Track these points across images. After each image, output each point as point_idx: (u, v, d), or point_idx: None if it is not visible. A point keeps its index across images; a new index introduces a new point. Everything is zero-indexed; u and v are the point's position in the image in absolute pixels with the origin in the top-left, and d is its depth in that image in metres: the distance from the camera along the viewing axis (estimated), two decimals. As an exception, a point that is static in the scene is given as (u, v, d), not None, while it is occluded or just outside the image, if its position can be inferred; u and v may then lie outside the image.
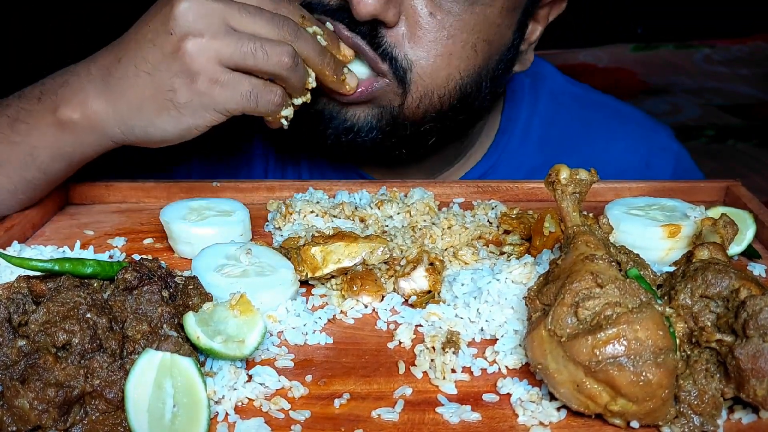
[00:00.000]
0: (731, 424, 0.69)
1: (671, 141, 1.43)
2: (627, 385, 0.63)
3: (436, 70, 1.06)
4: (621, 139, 1.38)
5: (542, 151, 1.35)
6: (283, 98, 0.97)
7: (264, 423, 0.68)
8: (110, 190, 1.16)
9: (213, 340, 0.70)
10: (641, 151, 1.38)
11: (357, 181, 1.19)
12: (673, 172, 1.38)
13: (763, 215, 1.04)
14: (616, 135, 1.38)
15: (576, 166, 1.21)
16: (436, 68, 1.06)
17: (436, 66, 1.06)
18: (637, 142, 1.39)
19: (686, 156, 1.43)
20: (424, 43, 1.04)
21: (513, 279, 0.85)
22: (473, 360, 0.77)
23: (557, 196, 0.84)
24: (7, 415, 0.63)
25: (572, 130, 1.37)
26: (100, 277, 0.75)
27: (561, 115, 1.38)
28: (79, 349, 0.65)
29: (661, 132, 1.44)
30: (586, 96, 1.45)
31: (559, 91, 1.41)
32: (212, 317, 0.73)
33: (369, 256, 0.89)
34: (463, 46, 1.06)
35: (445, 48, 1.05)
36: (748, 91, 3.78)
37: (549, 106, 1.38)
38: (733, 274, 0.71)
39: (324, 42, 1.00)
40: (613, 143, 1.37)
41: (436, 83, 1.07)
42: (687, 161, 1.43)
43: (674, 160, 1.39)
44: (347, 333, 0.83)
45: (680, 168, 1.39)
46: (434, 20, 1.03)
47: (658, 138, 1.42)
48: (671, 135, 1.44)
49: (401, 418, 0.69)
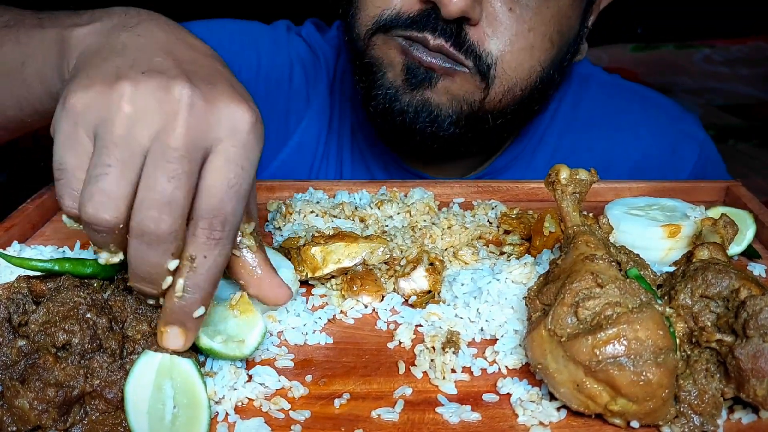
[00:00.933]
0: (731, 424, 0.69)
1: (698, 129, 1.43)
2: (627, 385, 0.63)
3: (520, 64, 1.10)
4: (648, 125, 1.39)
5: (567, 134, 1.36)
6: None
7: (264, 423, 0.68)
8: (110, 190, 1.16)
9: (213, 340, 0.70)
10: (668, 138, 1.38)
11: (357, 182, 1.19)
12: (697, 160, 1.38)
13: (763, 215, 1.04)
14: (643, 121, 1.39)
15: (601, 150, 1.25)
16: (519, 62, 1.10)
17: (520, 59, 1.09)
18: (664, 128, 1.39)
19: (711, 146, 1.43)
20: (506, 38, 1.07)
21: (513, 279, 0.85)
22: (473, 360, 0.77)
23: (557, 196, 0.84)
24: (7, 415, 0.63)
25: (598, 113, 1.39)
26: (100, 277, 0.75)
27: (587, 99, 1.39)
28: (79, 349, 0.65)
29: (689, 120, 1.44)
30: (613, 82, 1.46)
31: (587, 74, 1.42)
32: (212, 317, 0.73)
33: (369, 256, 0.89)
34: (542, 38, 1.10)
35: (527, 41, 1.08)
36: (748, 91, 3.78)
37: (576, 90, 1.39)
38: (733, 274, 0.71)
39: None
40: (640, 129, 1.38)
41: (519, 77, 1.11)
42: (712, 151, 1.42)
43: (699, 149, 1.39)
44: (347, 333, 0.83)
45: (704, 157, 1.39)
46: (513, 15, 1.06)
47: (685, 125, 1.42)
48: (698, 123, 1.44)
49: (401, 418, 0.69)
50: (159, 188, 0.60)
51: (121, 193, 0.61)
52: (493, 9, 1.06)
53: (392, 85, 1.12)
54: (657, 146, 1.37)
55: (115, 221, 0.61)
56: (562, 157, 1.33)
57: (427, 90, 1.10)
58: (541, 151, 1.35)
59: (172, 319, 0.66)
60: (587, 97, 1.39)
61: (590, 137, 1.35)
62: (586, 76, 1.41)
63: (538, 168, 1.33)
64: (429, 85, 1.10)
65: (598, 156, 1.34)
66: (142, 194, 0.61)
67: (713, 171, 1.40)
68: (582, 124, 1.37)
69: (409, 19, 1.08)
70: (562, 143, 1.35)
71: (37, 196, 1.10)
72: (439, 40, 1.06)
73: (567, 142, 1.35)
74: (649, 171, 1.34)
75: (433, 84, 1.10)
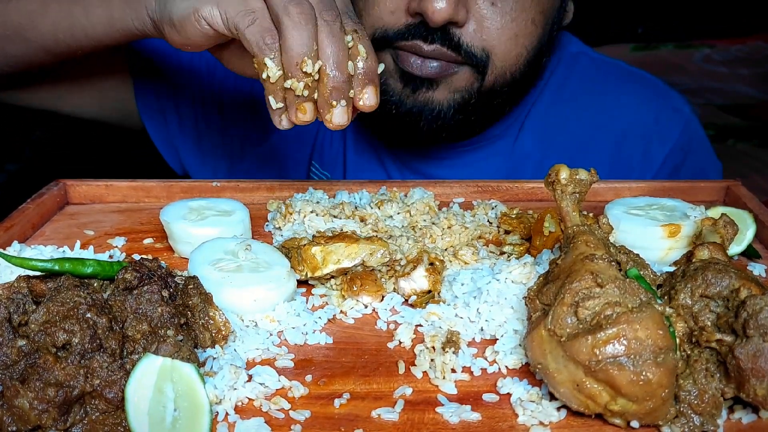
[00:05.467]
0: (731, 424, 0.69)
1: (684, 105, 1.44)
2: (627, 385, 0.63)
3: (507, 53, 1.17)
4: (632, 95, 1.42)
5: (556, 105, 1.39)
6: (271, 49, 0.83)
7: (264, 423, 0.68)
8: (110, 189, 1.16)
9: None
10: (652, 107, 1.40)
11: (357, 181, 1.19)
12: (680, 134, 1.39)
13: (763, 215, 1.04)
14: (628, 91, 1.42)
15: (588, 119, 1.30)
16: (507, 51, 1.17)
17: (508, 49, 1.16)
18: (649, 99, 1.42)
19: (697, 124, 1.44)
20: (493, 32, 1.14)
21: (513, 279, 0.85)
22: (473, 360, 0.77)
23: (557, 196, 0.84)
24: (7, 415, 0.63)
25: (586, 87, 1.42)
26: (100, 277, 0.75)
27: (576, 74, 1.42)
28: (79, 349, 0.65)
29: (675, 96, 1.46)
30: (602, 59, 1.49)
31: (577, 52, 1.45)
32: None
33: (368, 257, 0.89)
34: (525, 24, 1.16)
35: (512, 31, 1.15)
36: (748, 91, 3.77)
37: (566, 65, 1.42)
38: (733, 274, 0.71)
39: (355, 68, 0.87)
40: (624, 98, 1.41)
41: (508, 64, 1.18)
42: (697, 129, 1.44)
43: (684, 123, 1.41)
44: (347, 333, 0.83)
45: (689, 132, 1.41)
46: (497, 8, 1.13)
47: (671, 100, 1.44)
48: (685, 102, 1.46)
49: (401, 418, 0.69)
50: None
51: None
52: (478, 7, 1.12)
53: (395, 92, 1.19)
54: (640, 115, 1.39)
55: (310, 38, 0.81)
56: (550, 125, 1.37)
57: (429, 91, 1.17)
58: (530, 120, 1.38)
59: (366, 81, 0.85)
60: (576, 72, 1.42)
61: (577, 108, 1.39)
62: (576, 53, 1.45)
63: (525, 138, 1.37)
64: (430, 87, 1.17)
65: (586, 125, 1.38)
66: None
67: (699, 148, 1.42)
68: (570, 96, 1.40)
69: (398, 33, 1.13)
70: (550, 113, 1.38)
71: (37, 196, 1.10)
72: (433, 45, 1.12)
73: (555, 112, 1.38)
74: (633, 139, 1.37)
75: (434, 87, 1.17)
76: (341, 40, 0.84)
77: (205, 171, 1.49)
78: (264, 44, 0.82)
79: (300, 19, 0.82)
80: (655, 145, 1.37)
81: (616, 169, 1.35)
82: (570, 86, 1.40)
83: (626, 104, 1.40)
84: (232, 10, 0.84)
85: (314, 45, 0.82)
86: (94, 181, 1.16)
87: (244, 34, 0.83)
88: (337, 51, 0.83)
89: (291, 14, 0.81)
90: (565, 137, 1.36)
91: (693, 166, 1.39)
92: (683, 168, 1.38)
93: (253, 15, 0.83)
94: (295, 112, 0.86)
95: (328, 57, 0.83)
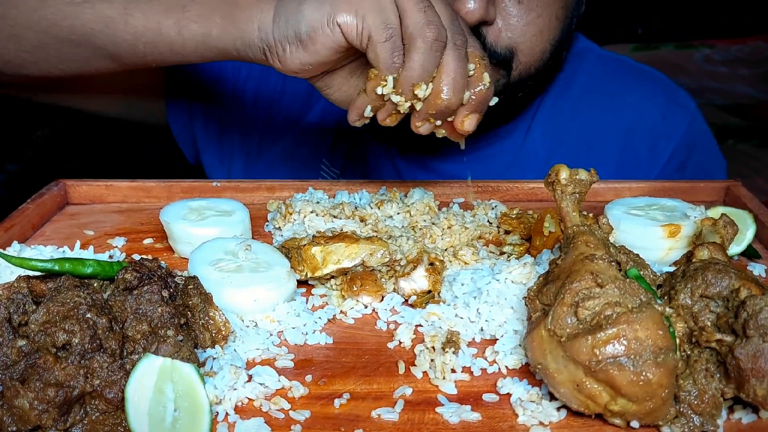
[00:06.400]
0: (731, 424, 0.69)
1: (689, 101, 1.45)
2: (627, 385, 0.63)
3: (532, 48, 1.17)
4: (639, 92, 1.42)
5: (563, 101, 1.39)
6: (397, 69, 0.86)
7: (264, 423, 0.68)
8: (110, 190, 1.16)
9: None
10: (659, 102, 1.41)
11: (357, 182, 1.19)
12: (686, 129, 1.40)
13: (763, 215, 1.04)
14: (635, 88, 1.43)
15: (595, 115, 1.31)
16: (532, 47, 1.17)
17: (533, 45, 1.17)
18: (655, 94, 1.43)
19: (701, 119, 1.45)
20: (519, 29, 1.14)
21: (513, 279, 0.85)
22: (473, 360, 0.77)
23: (557, 196, 0.84)
24: (7, 415, 0.63)
25: (593, 83, 1.42)
26: (100, 277, 0.75)
27: (583, 71, 1.43)
28: (79, 349, 0.65)
29: (681, 92, 1.47)
30: (609, 55, 1.49)
31: (584, 48, 1.46)
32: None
33: (368, 258, 0.89)
34: (549, 20, 1.17)
35: (537, 27, 1.16)
36: (747, 91, 3.77)
37: (573, 62, 1.43)
38: (733, 274, 0.71)
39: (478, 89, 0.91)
40: (631, 94, 1.41)
41: (533, 59, 1.19)
42: (702, 124, 1.45)
43: (690, 118, 1.42)
44: (347, 333, 0.83)
45: (695, 128, 1.42)
46: (522, 6, 1.13)
47: (677, 95, 1.45)
48: (691, 98, 1.47)
49: (401, 418, 0.69)
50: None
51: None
52: (504, 5, 1.13)
53: None
54: (647, 112, 1.40)
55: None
56: (558, 121, 1.38)
57: None
58: (539, 115, 1.38)
59: (476, 109, 0.90)
60: (583, 69, 1.43)
61: (585, 104, 1.39)
62: (582, 50, 1.45)
63: (535, 133, 1.38)
64: None
65: (593, 122, 1.38)
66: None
67: (704, 143, 1.43)
68: (577, 92, 1.41)
69: None
70: (558, 109, 1.39)
71: (37, 196, 1.10)
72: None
73: (563, 109, 1.39)
74: (640, 135, 1.37)
75: None
76: (465, 66, 0.88)
77: (222, 170, 1.49)
78: (392, 62, 0.85)
79: (433, 45, 0.85)
80: (661, 141, 1.38)
81: (623, 166, 1.36)
82: (577, 83, 1.41)
83: (633, 100, 1.40)
84: (370, 19, 0.84)
85: (434, 71, 0.86)
86: (94, 181, 1.16)
87: (377, 48, 0.85)
88: (459, 78, 0.87)
89: (426, 38, 0.84)
90: (573, 133, 1.37)
91: (698, 161, 1.40)
92: (689, 163, 1.39)
93: (391, 31, 0.84)
94: (386, 118, 0.91)
95: (449, 81, 0.87)
